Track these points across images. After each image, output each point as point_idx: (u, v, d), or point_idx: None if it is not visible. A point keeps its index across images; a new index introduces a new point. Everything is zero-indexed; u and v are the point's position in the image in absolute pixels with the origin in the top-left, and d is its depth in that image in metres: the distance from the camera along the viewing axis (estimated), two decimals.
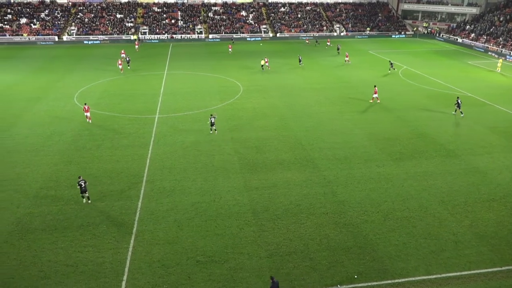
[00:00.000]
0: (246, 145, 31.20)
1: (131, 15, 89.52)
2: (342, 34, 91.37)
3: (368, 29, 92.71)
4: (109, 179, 25.92)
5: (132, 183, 25.44)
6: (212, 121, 33.36)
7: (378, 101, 41.96)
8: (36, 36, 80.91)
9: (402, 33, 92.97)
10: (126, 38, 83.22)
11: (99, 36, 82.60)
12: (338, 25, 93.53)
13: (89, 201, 23.42)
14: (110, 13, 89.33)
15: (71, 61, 62.97)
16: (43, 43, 79.72)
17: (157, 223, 21.44)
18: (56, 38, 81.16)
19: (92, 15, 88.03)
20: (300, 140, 32.23)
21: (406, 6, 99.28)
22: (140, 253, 19.16)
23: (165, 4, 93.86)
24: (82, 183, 23.06)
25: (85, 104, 36.41)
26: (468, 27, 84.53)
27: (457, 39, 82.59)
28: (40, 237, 20.22)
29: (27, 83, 49.48)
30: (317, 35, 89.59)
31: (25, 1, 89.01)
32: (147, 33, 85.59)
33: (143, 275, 17.81)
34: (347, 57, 62.82)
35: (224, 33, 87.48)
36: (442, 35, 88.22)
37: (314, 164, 28.10)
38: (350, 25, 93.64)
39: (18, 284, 17.18)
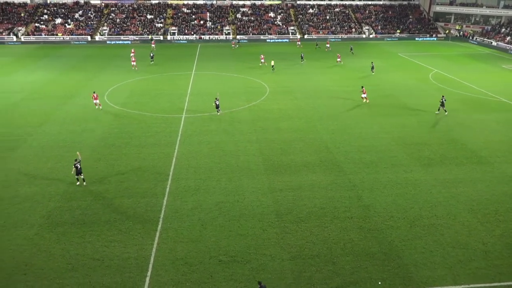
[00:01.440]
0: (271, 146, 31.19)
1: (161, 15, 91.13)
2: (371, 36, 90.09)
3: (398, 31, 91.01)
4: (136, 176, 26.43)
5: (158, 181, 25.86)
6: (217, 103, 37.72)
7: (367, 101, 41.59)
8: (70, 36, 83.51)
9: (434, 35, 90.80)
10: (156, 38, 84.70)
11: (129, 36, 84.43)
12: (367, 27, 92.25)
13: (84, 183, 25.11)
14: (141, 14, 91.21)
15: (102, 60, 64.62)
16: (76, 42, 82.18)
17: (182, 221, 21.69)
18: (89, 38, 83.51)
19: (124, 16, 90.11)
20: (326, 142, 31.95)
21: (438, 8, 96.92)
22: (164, 250, 19.44)
23: (194, 5, 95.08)
24: (78, 165, 24.87)
25: (94, 92, 40.24)
26: (503, 30, 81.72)
27: (491, 42, 79.98)
28: (69, 231, 20.82)
29: (60, 81, 51.13)
30: (346, 37, 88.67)
31: (60, 2, 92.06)
32: (176, 33, 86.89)
33: (166, 272, 18.06)
34: (339, 57, 62.55)
35: (252, 34, 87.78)
36: (476, 38, 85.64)
37: (340, 168, 27.79)
38: (379, 27, 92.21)
39: (47, 275, 17.75)
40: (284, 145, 31.44)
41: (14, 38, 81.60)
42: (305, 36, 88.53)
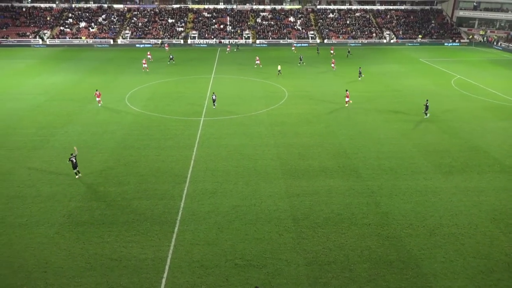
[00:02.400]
0: (289, 151, 31.11)
1: (182, 20, 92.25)
2: (392, 41, 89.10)
3: (420, 36, 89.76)
4: (154, 178, 26.73)
5: (176, 183, 26.09)
6: (214, 98, 41.74)
7: (350, 101, 42.22)
8: (93, 39, 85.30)
9: (457, 41, 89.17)
10: (177, 42, 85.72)
11: (151, 40, 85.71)
12: (388, 32, 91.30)
13: (80, 175, 26.69)
14: (162, 18, 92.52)
15: (124, 63, 65.74)
16: (99, 45, 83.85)
17: (198, 224, 21.81)
18: (111, 41, 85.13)
19: (146, 20, 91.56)
20: (344, 148, 31.68)
21: (461, 13, 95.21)
22: (181, 252, 19.57)
23: (215, 9, 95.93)
24: (73, 159, 26.28)
25: (97, 90, 43.20)
26: None
27: None
28: (88, 230, 21.19)
29: (83, 83, 52.24)
30: (366, 41, 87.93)
31: (85, 6, 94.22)
32: (196, 37, 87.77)
33: (182, 274, 18.17)
34: (333, 63, 62.22)
35: (272, 39, 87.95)
36: (501, 44, 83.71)
37: (358, 173, 27.50)
38: (400, 32, 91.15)
39: (66, 274, 18.08)
40: (302, 149, 31.32)
41: (40, 41, 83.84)
42: (325, 41, 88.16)
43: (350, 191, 25.28)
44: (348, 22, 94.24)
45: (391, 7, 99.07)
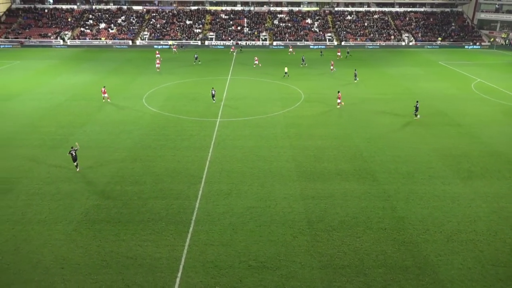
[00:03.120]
0: (305, 153, 30.99)
1: (199, 21, 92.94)
2: (410, 43, 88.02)
3: (439, 39, 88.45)
4: (170, 178, 26.96)
5: (191, 184, 26.26)
6: (213, 93, 44.05)
7: (342, 103, 42.33)
8: (112, 40, 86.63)
9: (477, 43, 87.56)
10: (194, 43, 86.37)
11: (169, 41, 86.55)
12: (406, 35, 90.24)
13: (78, 169, 27.79)
14: (180, 19, 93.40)
15: (142, 64, 66.55)
16: (118, 46, 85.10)
17: (213, 225, 21.90)
18: (130, 42, 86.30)
19: (164, 21, 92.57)
20: (360, 151, 31.41)
21: (483, 16, 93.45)
22: (195, 252, 19.67)
23: (232, 11, 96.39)
24: (73, 153, 27.54)
25: (104, 87, 45.31)
26: None
27: None
28: (105, 228, 21.49)
29: (102, 83, 53.00)
30: (384, 44, 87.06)
31: (105, 8, 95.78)
32: (213, 39, 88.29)
33: (196, 274, 18.26)
34: (332, 65, 61.77)
35: (288, 40, 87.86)
36: None
37: (374, 177, 27.21)
38: (419, 35, 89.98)
39: (83, 271, 18.37)
40: (318, 152, 31.17)
41: (61, 42, 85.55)
42: (342, 43, 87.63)
43: (366, 194, 25.03)
44: (366, 24, 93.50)
45: (410, 9, 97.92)
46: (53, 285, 17.46)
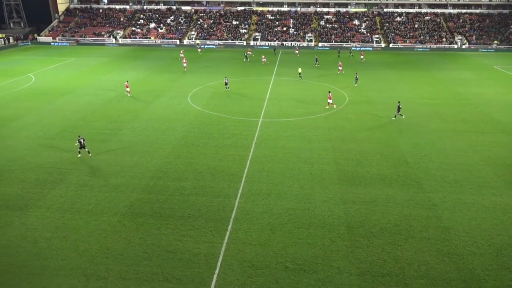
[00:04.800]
0: (347, 156, 30.46)
1: (245, 22, 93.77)
2: (463, 46, 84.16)
3: (495, 42, 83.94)
4: (211, 176, 27.41)
5: (231, 182, 26.55)
6: (226, 81, 48.53)
7: (334, 106, 41.64)
8: (161, 39, 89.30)
9: None
10: (239, 44, 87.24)
11: (215, 41, 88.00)
12: (459, 37, 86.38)
13: (90, 155, 30.16)
14: (227, 20, 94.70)
15: (188, 63, 68.08)
16: (166, 45, 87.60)
17: (251, 224, 22.02)
18: (178, 42, 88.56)
19: (211, 21, 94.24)
20: (405, 157, 30.43)
21: None
22: (233, 250, 19.87)
23: (278, 12, 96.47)
24: (82, 141, 29.61)
25: (127, 81, 48.67)
26: None
27: None
28: (147, 222, 22.19)
29: (149, 81, 54.89)
30: (435, 46, 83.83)
31: (155, 8, 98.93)
32: (259, 39, 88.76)
33: (233, 272, 18.45)
34: (340, 66, 60.04)
35: (334, 42, 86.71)
36: None
37: (419, 184, 26.27)
38: (474, 38, 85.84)
39: (125, 261, 19.08)
40: (360, 156, 30.53)
41: (113, 40, 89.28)
42: (390, 45, 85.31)
43: (409, 202, 24.22)
44: (416, 26, 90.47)
45: (464, 10, 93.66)
46: (97, 273, 18.26)
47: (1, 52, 79.94)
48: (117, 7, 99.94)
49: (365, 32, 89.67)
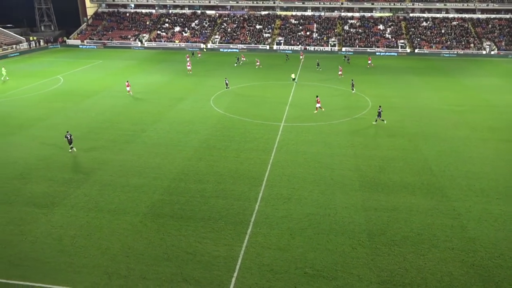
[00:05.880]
0: (369, 162, 30.05)
1: (269, 26, 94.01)
2: (492, 52, 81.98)
3: None
4: (232, 179, 27.51)
5: (252, 186, 26.57)
6: (226, 82, 50.82)
7: (323, 109, 41.88)
8: (185, 43, 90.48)
9: None
10: (262, 48, 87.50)
11: (238, 45, 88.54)
12: (488, 43, 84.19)
13: (73, 150, 31.61)
14: (251, 24, 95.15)
15: (211, 66, 68.77)
16: (190, 49, 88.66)
17: (271, 228, 21.97)
18: (202, 45, 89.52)
19: (235, 25, 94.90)
20: (429, 164, 29.80)
21: None
22: (252, 254, 19.86)
23: (302, 16, 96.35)
24: (69, 136, 31.27)
25: (127, 81, 50.80)
26: None
27: None
28: (168, 223, 22.43)
29: (173, 84, 55.64)
30: (462, 52, 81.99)
31: (180, 12, 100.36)
32: (282, 43, 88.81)
33: (252, 276, 18.42)
34: (340, 71, 59.24)
35: (358, 47, 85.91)
36: None
37: (443, 193, 25.67)
38: (503, 43, 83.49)
39: (145, 261, 19.33)
40: (383, 162, 30.08)
41: (139, 44, 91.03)
42: (416, 50, 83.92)
43: (433, 210, 23.69)
44: (443, 31, 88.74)
45: (493, 15, 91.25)
46: (118, 272, 18.56)
47: (32, 54, 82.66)
48: (143, 11, 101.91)
49: (390, 37, 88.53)
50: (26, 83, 55.57)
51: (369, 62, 70.03)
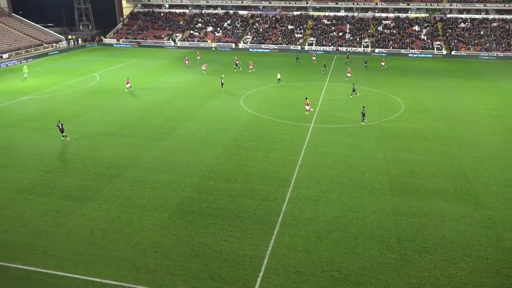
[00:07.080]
0: (400, 166, 29.39)
1: (301, 26, 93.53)
2: None
3: None
4: (260, 179, 27.55)
5: (279, 186, 26.53)
6: (222, 81, 50.94)
7: (311, 109, 41.89)
8: (217, 43, 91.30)
9: None
10: (294, 48, 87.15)
11: (269, 45, 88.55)
12: None
13: (67, 138, 33.86)
14: (283, 24, 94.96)
15: (242, 66, 68.96)
16: (222, 49, 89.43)
17: (298, 229, 21.86)
18: (233, 45, 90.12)
19: (267, 26, 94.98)
20: (464, 170, 28.83)
21: None
22: (278, 255, 19.83)
23: (335, 17, 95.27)
24: (60, 126, 33.41)
25: (128, 78, 52.60)
26: None
27: None
28: (196, 220, 22.73)
29: (204, 83, 56.29)
30: (502, 55, 78.80)
31: (213, 12, 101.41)
32: (313, 44, 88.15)
33: (277, 276, 18.40)
34: (349, 73, 57.47)
35: (392, 48, 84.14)
36: None
37: (478, 200, 24.76)
38: None
39: (173, 257, 19.66)
40: (415, 167, 29.33)
41: (172, 43, 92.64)
42: (453, 53, 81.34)
43: (466, 218, 22.90)
44: (482, 32, 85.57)
45: None
46: (146, 266, 18.97)
47: (70, 53, 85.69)
48: (177, 11, 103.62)
49: (425, 39, 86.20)
50: (64, 80, 57.71)
51: (383, 64, 68.90)
